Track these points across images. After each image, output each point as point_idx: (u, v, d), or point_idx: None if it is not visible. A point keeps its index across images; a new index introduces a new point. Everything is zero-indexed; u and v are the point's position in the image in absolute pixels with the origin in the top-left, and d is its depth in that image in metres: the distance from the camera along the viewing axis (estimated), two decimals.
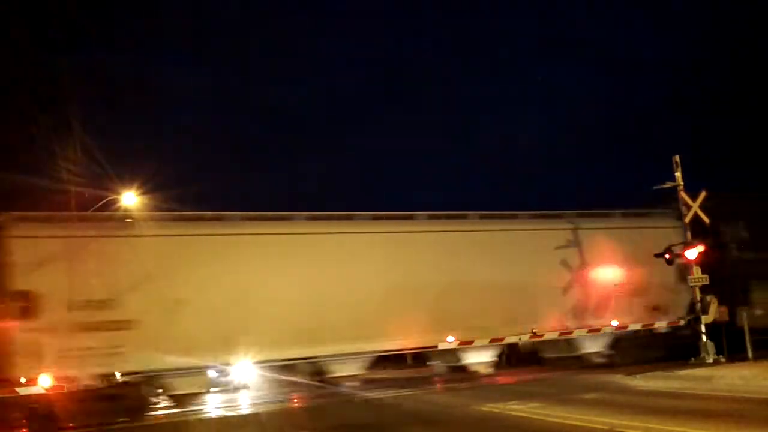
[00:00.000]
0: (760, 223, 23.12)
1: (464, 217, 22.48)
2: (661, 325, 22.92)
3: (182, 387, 18.14)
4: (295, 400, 20.01)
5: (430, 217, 21.93)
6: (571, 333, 21.96)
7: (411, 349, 21.60)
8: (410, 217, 21.75)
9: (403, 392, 19.54)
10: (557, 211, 23.67)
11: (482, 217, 22.54)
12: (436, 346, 20.53)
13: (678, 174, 20.96)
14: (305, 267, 19.52)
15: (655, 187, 21.13)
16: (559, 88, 75.51)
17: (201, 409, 19.03)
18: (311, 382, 20.45)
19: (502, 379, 20.97)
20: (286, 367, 20.28)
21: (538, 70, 74.73)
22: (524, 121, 73.80)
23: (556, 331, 21.69)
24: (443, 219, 22.15)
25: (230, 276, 18.55)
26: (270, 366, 20.02)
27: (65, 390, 16.31)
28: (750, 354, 19.05)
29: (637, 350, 22.13)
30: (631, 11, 70.58)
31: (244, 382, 24.09)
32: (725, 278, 21.70)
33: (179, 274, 17.96)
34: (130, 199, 20.68)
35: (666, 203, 22.74)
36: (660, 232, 22.66)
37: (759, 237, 23.18)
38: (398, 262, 20.49)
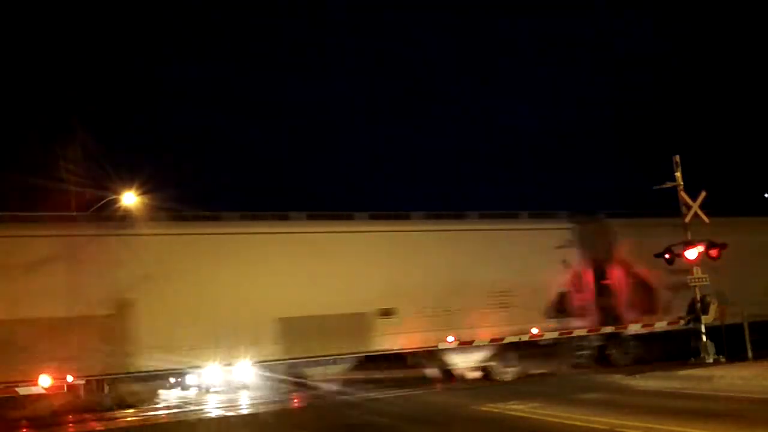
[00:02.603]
0: None
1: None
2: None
3: None
4: (295, 400, 20.02)
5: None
6: (571, 333, 21.95)
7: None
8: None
9: (403, 392, 19.53)
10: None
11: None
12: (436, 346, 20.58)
13: (678, 174, 20.92)
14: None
15: (654, 187, 21.11)
16: (559, 88, 75.23)
17: (201, 409, 19.06)
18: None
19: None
20: None
21: (538, 70, 74.37)
22: (523, 121, 73.46)
23: (556, 330, 21.69)
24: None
25: None
26: None
27: None
28: (750, 354, 19.06)
29: None
30: (630, 10, 70.29)
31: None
32: None
33: None
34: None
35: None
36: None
37: None
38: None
